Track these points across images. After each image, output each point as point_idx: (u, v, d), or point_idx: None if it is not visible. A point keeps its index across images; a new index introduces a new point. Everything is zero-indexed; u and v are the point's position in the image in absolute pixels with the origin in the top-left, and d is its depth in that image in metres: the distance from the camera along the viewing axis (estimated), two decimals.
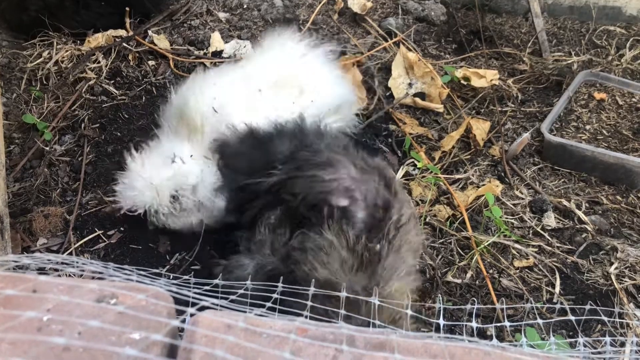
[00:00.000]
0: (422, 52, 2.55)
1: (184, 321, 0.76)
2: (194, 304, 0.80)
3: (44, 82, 2.24)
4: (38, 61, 2.30)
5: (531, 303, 1.58)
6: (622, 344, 1.46)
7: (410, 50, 2.46)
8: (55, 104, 2.15)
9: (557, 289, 1.63)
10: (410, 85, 2.35)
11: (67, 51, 2.33)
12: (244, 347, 0.73)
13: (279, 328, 0.77)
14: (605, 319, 1.40)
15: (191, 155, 1.63)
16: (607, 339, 1.07)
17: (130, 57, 2.38)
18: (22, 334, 0.69)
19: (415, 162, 2.00)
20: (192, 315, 0.76)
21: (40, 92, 2.17)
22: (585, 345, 1.09)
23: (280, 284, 0.94)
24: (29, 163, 1.96)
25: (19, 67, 2.29)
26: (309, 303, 0.90)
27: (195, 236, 1.67)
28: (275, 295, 0.95)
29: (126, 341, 0.70)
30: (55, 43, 2.36)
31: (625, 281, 1.65)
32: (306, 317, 0.86)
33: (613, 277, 1.65)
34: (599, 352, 1.14)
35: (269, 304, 0.92)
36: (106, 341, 0.70)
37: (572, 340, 1.44)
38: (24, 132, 2.06)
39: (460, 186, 1.98)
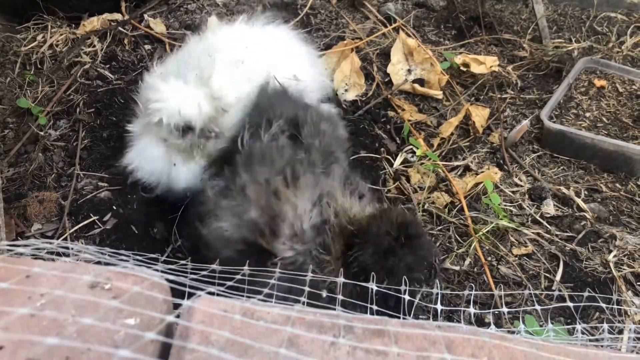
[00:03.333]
0: (422, 38, 2.53)
1: (179, 307, 0.75)
2: (190, 290, 0.79)
3: (39, 66, 2.22)
4: (32, 45, 2.27)
5: (529, 290, 1.58)
6: (620, 331, 1.45)
7: (409, 36, 2.44)
8: (49, 88, 2.12)
9: (558, 277, 1.62)
10: (409, 71, 2.33)
11: (61, 35, 2.30)
12: (241, 333, 0.72)
13: (276, 315, 0.76)
14: (604, 306, 1.40)
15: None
16: (605, 326, 1.07)
17: (125, 41, 2.35)
18: (16, 320, 0.68)
19: (414, 148, 1.98)
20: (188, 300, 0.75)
21: (34, 76, 2.15)
22: (583, 332, 1.09)
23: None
24: (24, 148, 1.94)
25: (13, 50, 2.26)
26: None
27: (189, 219, 1.65)
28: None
29: (121, 326, 0.69)
30: (49, 27, 2.33)
31: (624, 269, 1.65)
32: (303, 303, 0.85)
33: (612, 265, 1.65)
34: (597, 339, 1.13)
35: (266, 290, 0.91)
36: (101, 327, 0.68)
37: (570, 327, 1.44)
38: (18, 116, 2.03)
39: (458, 173, 1.96)
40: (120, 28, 2.36)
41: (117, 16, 2.43)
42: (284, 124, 1.51)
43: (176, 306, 0.76)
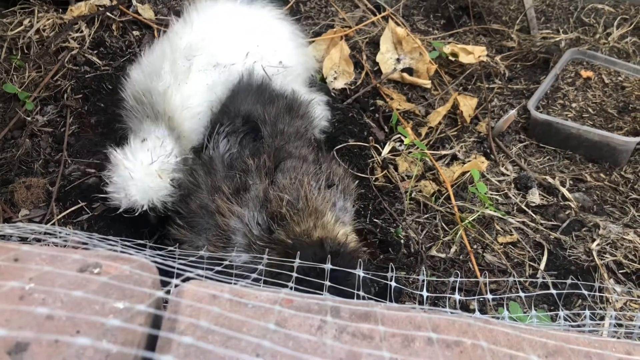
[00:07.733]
0: (411, 27, 2.53)
1: (168, 292, 0.75)
2: (178, 275, 0.80)
3: (25, 51, 2.19)
4: (19, 29, 2.24)
5: (514, 277, 1.60)
6: (602, 318, 1.48)
7: (398, 25, 2.44)
8: (37, 74, 2.10)
9: (543, 265, 1.65)
10: (398, 60, 2.33)
11: (48, 19, 2.27)
12: (229, 317, 0.73)
13: (264, 299, 0.77)
14: (586, 293, 1.42)
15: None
16: (587, 312, 1.09)
17: (114, 26, 2.33)
18: (4, 303, 0.68)
19: (402, 137, 1.99)
20: (177, 285, 0.76)
21: (21, 61, 2.12)
22: (565, 319, 1.11)
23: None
24: (10, 133, 1.92)
25: None
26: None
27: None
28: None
29: (110, 310, 0.70)
30: (36, 11, 2.30)
31: (606, 257, 1.67)
32: (291, 288, 0.87)
33: (594, 254, 1.68)
34: (579, 325, 1.16)
35: (254, 276, 0.92)
36: (89, 310, 0.69)
37: (553, 314, 1.46)
38: (4, 101, 2.01)
39: (446, 162, 1.98)
40: (108, 13, 2.34)
41: (105, 1, 2.41)
42: (238, 125, 1.51)
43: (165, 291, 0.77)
